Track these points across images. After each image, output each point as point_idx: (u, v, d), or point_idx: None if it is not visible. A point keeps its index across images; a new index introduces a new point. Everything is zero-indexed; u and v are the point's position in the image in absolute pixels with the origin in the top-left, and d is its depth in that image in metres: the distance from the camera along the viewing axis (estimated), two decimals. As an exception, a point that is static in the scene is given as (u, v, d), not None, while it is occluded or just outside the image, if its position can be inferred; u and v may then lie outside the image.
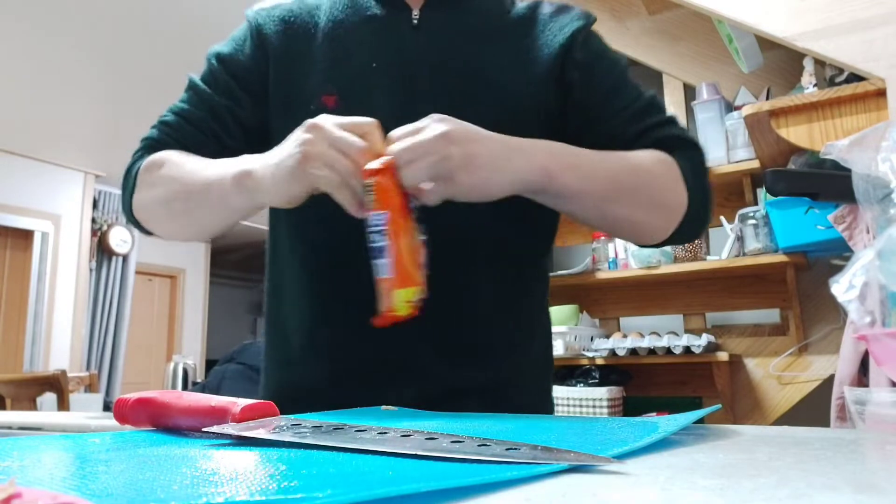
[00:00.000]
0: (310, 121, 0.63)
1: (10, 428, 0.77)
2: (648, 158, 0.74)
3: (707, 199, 0.78)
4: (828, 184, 1.14)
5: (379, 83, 0.78)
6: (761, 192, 2.08)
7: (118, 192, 5.89)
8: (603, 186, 0.69)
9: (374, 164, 0.60)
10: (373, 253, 0.61)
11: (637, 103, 0.80)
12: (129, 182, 0.81)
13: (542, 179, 0.65)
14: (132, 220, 0.83)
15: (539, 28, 0.82)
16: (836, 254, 1.96)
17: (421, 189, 0.61)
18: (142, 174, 0.79)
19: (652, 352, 2.11)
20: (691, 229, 0.78)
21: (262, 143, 0.77)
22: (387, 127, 0.66)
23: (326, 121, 0.62)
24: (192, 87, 0.83)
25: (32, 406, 3.23)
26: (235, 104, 0.81)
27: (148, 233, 0.83)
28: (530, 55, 0.81)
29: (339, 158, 0.60)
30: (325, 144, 0.60)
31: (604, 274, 2.30)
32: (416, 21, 0.80)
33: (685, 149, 0.78)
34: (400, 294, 0.60)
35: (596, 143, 0.76)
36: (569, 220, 0.84)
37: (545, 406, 0.85)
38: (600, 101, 0.80)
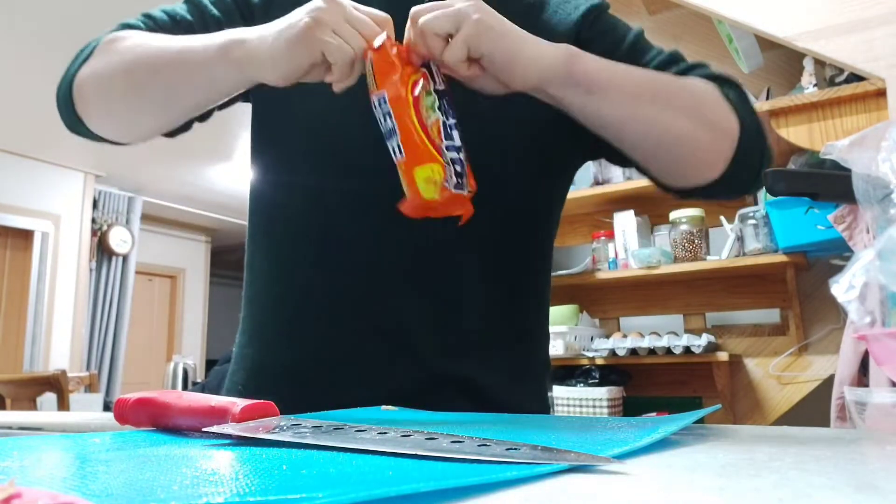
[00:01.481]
0: None
1: (10, 428, 0.77)
2: (687, 77, 0.70)
3: (762, 128, 0.70)
4: (828, 184, 1.14)
5: None
6: (761, 192, 2.08)
7: (118, 192, 5.90)
8: (636, 83, 0.65)
9: (376, 42, 0.58)
10: (385, 137, 0.59)
11: (661, 55, 0.75)
12: (83, 53, 0.71)
13: (567, 61, 0.62)
14: (66, 99, 0.71)
15: (550, 11, 0.81)
16: (836, 254, 1.96)
17: (440, 49, 0.58)
18: (101, 45, 0.71)
19: (652, 352, 2.11)
20: (752, 162, 0.69)
21: None
22: None
23: None
24: None
25: (32, 406, 3.23)
26: (229, 23, 0.75)
27: (76, 121, 0.72)
28: (544, 37, 0.79)
29: (353, 32, 0.58)
30: (340, 17, 0.57)
31: (604, 274, 2.30)
32: None
33: (726, 85, 0.71)
34: (419, 172, 0.57)
35: None
36: (567, 219, 0.82)
37: (540, 408, 0.83)
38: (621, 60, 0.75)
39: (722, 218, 2.18)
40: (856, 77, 1.61)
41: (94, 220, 5.67)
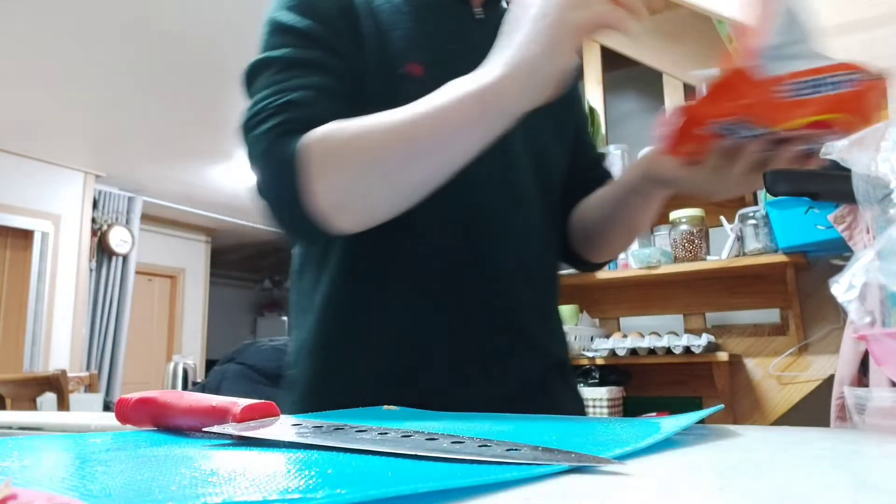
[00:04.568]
0: None
1: (10, 428, 0.77)
2: None
3: None
4: (828, 184, 1.14)
5: (462, 66, 0.67)
6: (761, 192, 2.07)
7: (118, 192, 5.90)
8: None
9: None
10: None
11: (596, 150, 0.98)
12: (293, 170, 0.60)
13: None
14: (307, 218, 0.61)
15: None
16: (836, 254, 1.96)
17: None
18: (318, 154, 0.61)
19: (652, 352, 2.11)
20: None
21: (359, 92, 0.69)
22: None
23: None
24: (283, 29, 0.69)
25: (32, 406, 3.23)
26: (335, 37, 0.70)
27: (322, 233, 0.63)
28: None
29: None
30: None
31: (604, 274, 2.30)
32: (479, 17, 0.81)
33: None
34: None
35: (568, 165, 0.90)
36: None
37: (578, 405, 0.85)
38: (580, 129, 0.94)
39: (722, 218, 2.18)
40: (856, 77, 1.61)
41: (94, 220, 5.67)
